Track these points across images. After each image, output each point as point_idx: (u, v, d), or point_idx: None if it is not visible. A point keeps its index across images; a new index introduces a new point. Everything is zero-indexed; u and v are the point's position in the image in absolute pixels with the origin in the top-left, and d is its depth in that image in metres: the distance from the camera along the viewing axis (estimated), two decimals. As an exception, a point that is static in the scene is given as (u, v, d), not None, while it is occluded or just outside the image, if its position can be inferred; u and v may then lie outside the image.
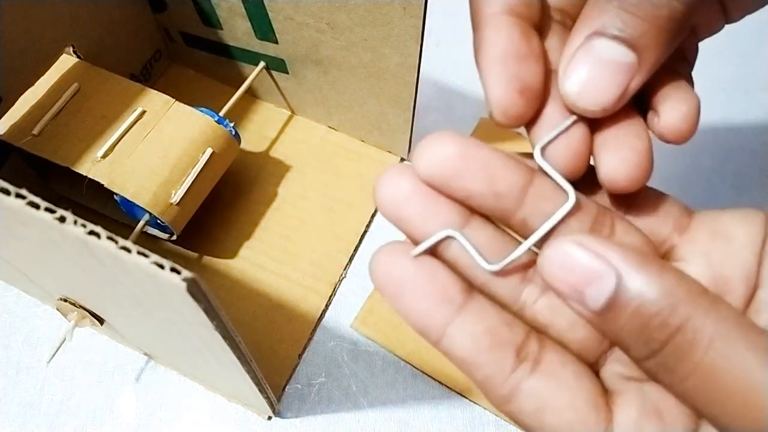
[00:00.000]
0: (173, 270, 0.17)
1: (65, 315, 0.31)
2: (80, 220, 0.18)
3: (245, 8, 0.38)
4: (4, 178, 0.19)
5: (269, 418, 0.36)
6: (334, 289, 0.40)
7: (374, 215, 0.43)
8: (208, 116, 0.38)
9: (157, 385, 0.37)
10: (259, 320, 0.39)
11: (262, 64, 0.43)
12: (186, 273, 0.17)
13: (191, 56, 0.47)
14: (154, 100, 0.38)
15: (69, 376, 0.37)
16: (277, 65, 0.43)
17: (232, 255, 0.41)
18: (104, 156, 0.35)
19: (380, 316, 0.38)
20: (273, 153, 0.45)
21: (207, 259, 0.41)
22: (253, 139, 0.46)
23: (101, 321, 0.32)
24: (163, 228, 0.38)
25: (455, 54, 0.47)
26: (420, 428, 0.36)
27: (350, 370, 0.38)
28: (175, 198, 0.36)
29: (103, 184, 0.35)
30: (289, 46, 0.40)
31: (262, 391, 0.30)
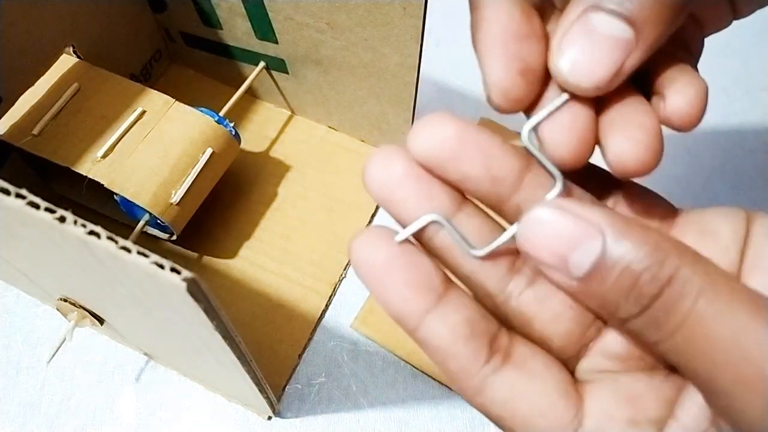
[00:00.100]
0: (173, 270, 0.17)
1: (65, 315, 0.31)
2: (80, 220, 0.18)
3: (245, 8, 0.38)
4: (4, 178, 0.19)
5: (269, 418, 0.36)
6: (334, 289, 0.40)
7: (374, 215, 0.43)
8: (208, 116, 0.38)
9: (157, 385, 0.37)
10: (259, 320, 0.39)
11: (262, 64, 0.43)
12: (186, 273, 0.17)
13: (191, 56, 0.47)
14: (154, 100, 0.38)
15: (69, 376, 0.37)
16: (277, 65, 0.43)
17: (232, 255, 0.41)
18: (104, 156, 0.35)
19: (380, 316, 0.38)
20: (273, 153, 0.45)
21: (207, 259, 0.41)
22: (253, 139, 0.46)
23: (101, 321, 0.32)
24: (163, 228, 0.38)
25: (455, 54, 0.47)
26: (420, 428, 0.36)
27: (350, 370, 0.38)
28: (175, 198, 0.36)
29: (103, 184, 0.35)
30: (289, 46, 0.40)
31: (262, 391, 0.30)
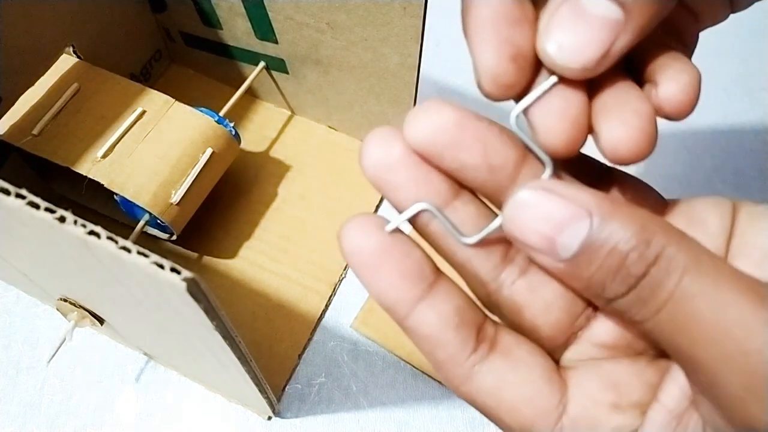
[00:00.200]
0: (173, 270, 0.17)
1: (65, 315, 0.31)
2: (80, 220, 0.18)
3: (245, 8, 0.38)
4: (4, 178, 0.19)
5: (269, 418, 0.36)
6: (334, 289, 0.40)
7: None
8: (208, 116, 0.38)
9: (157, 386, 0.37)
10: (258, 320, 0.39)
11: (262, 64, 0.43)
12: (186, 273, 0.17)
13: (191, 56, 0.47)
14: (154, 100, 0.38)
15: (69, 376, 0.37)
16: (277, 65, 0.43)
17: (232, 255, 0.41)
18: (104, 156, 0.35)
19: (380, 316, 0.38)
20: (273, 153, 0.45)
21: (207, 259, 0.41)
22: (253, 139, 0.46)
23: (101, 321, 0.32)
24: (163, 228, 0.38)
25: (455, 54, 0.47)
26: (420, 428, 0.36)
27: (350, 370, 0.38)
28: (175, 198, 0.36)
29: (103, 184, 0.35)
30: (289, 46, 0.40)
31: (262, 391, 0.30)
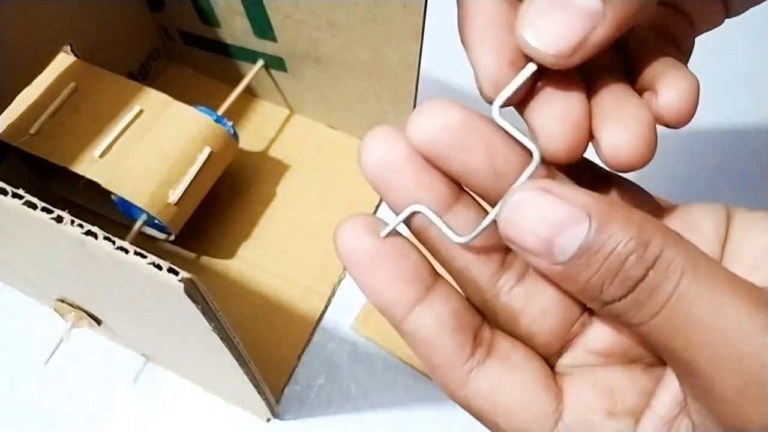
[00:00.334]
0: (171, 270, 0.17)
1: (63, 316, 0.31)
2: (77, 220, 0.18)
3: (244, 6, 0.38)
4: (1, 178, 0.19)
5: (268, 420, 0.36)
6: (334, 289, 0.40)
7: (374, 215, 0.43)
8: (207, 115, 0.38)
9: (155, 387, 0.37)
10: (257, 321, 0.38)
11: (260, 62, 0.43)
12: (184, 273, 0.17)
13: (189, 55, 0.47)
14: (152, 99, 0.38)
15: (67, 378, 0.37)
16: (276, 64, 0.42)
17: (230, 255, 0.41)
18: (102, 155, 0.35)
19: (381, 317, 0.38)
20: (272, 152, 0.45)
21: (205, 259, 0.41)
22: (251, 138, 0.45)
23: (99, 322, 0.31)
24: (160, 228, 0.38)
25: (456, 53, 0.47)
26: (420, 430, 0.36)
27: (350, 371, 0.37)
28: (173, 198, 0.35)
29: (100, 184, 0.35)
30: (288, 45, 0.40)
31: (261, 392, 0.29)
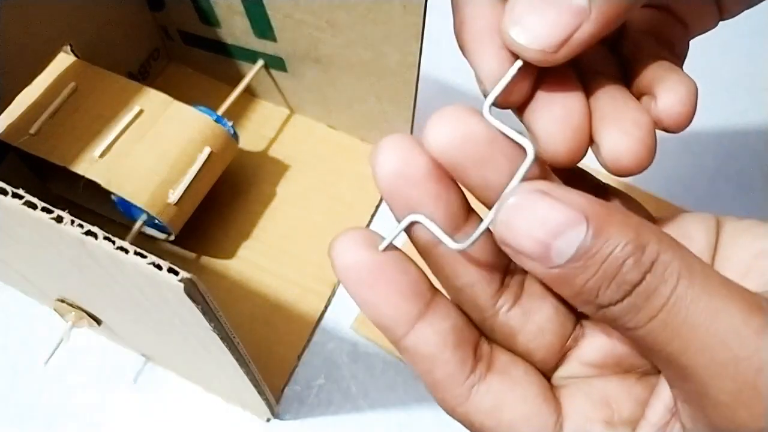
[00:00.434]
0: (171, 270, 0.17)
1: (63, 316, 0.31)
2: (77, 220, 0.18)
3: (244, 6, 0.38)
4: (1, 178, 0.19)
5: (268, 420, 0.36)
6: (334, 289, 0.40)
7: (374, 215, 0.43)
8: (207, 115, 0.38)
9: (155, 387, 0.37)
10: (257, 321, 0.38)
11: (260, 62, 0.43)
12: (184, 273, 0.17)
13: (189, 55, 0.47)
14: (152, 99, 0.38)
15: (66, 378, 0.37)
16: (276, 63, 0.42)
17: (230, 255, 0.41)
18: (102, 155, 0.35)
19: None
20: (272, 152, 0.45)
21: (205, 259, 0.41)
22: (251, 138, 0.45)
23: (99, 322, 0.31)
24: (160, 228, 0.37)
25: (456, 53, 0.47)
26: (420, 430, 0.36)
27: (350, 371, 0.37)
28: (173, 198, 0.35)
29: (100, 184, 0.35)
30: (288, 45, 0.40)
31: (261, 392, 0.29)
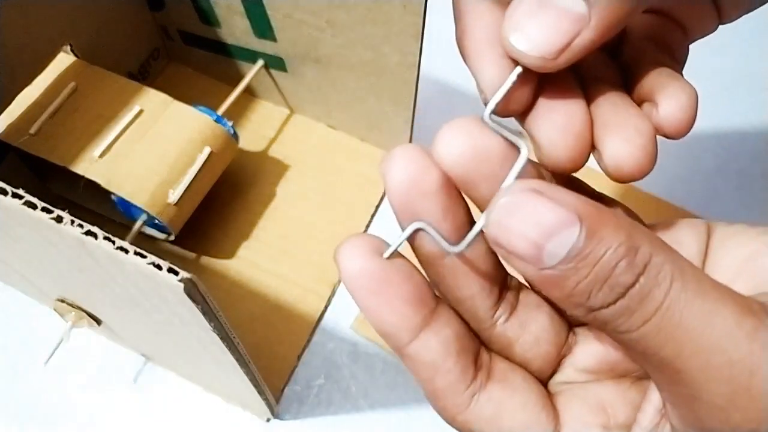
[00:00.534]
0: (171, 270, 0.17)
1: (63, 316, 0.31)
2: (77, 220, 0.18)
3: (244, 6, 0.38)
4: (1, 178, 0.19)
5: (268, 420, 0.36)
6: (334, 289, 0.40)
7: (374, 215, 0.43)
8: (207, 115, 0.38)
9: (155, 387, 0.37)
10: (257, 321, 0.38)
11: (260, 62, 0.43)
12: (183, 273, 0.17)
13: (189, 55, 0.47)
14: (152, 99, 0.38)
15: (66, 378, 0.37)
16: (276, 63, 0.42)
17: (230, 255, 0.41)
18: (101, 155, 0.35)
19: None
20: (272, 152, 0.45)
21: (205, 259, 0.41)
22: (251, 138, 0.45)
23: (99, 322, 0.31)
24: (160, 228, 0.37)
25: (456, 53, 0.47)
26: (420, 430, 0.36)
27: (350, 371, 0.37)
28: (173, 198, 0.35)
29: (100, 184, 0.35)
30: (288, 45, 0.40)
31: (261, 392, 0.29)
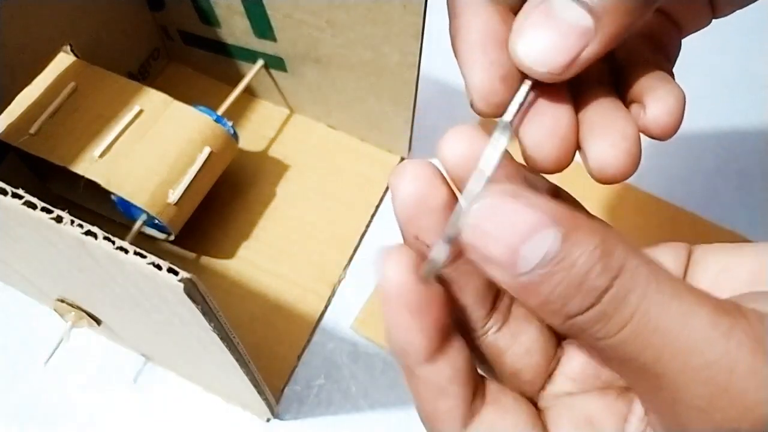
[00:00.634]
0: (171, 270, 0.17)
1: (63, 316, 0.31)
2: (77, 220, 0.18)
3: (244, 6, 0.38)
4: (1, 178, 0.19)
5: (268, 420, 0.36)
6: (334, 289, 0.40)
7: (374, 215, 0.43)
8: (207, 115, 0.38)
9: (155, 387, 0.37)
10: (257, 321, 0.38)
11: (260, 62, 0.43)
12: (183, 273, 0.17)
13: (189, 55, 0.47)
14: (152, 99, 0.38)
15: (66, 378, 0.37)
16: (275, 63, 0.42)
17: (230, 255, 0.41)
18: (101, 155, 0.35)
19: (380, 317, 0.38)
20: (272, 152, 0.45)
21: (205, 259, 0.41)
22: (251, 138, 0.45)
23: (99, 322, 0.31)
24: (160, 228, 0.37)
25: (455, 53, 0.47)
26: (420, 430, 0.36)
27: (350, 371, 0.37)
28: (173, 198, 0.35)
29: (100, 184, 0.35)
30: (288, 45, 0.40)
31: (261, 392, 0.29)
